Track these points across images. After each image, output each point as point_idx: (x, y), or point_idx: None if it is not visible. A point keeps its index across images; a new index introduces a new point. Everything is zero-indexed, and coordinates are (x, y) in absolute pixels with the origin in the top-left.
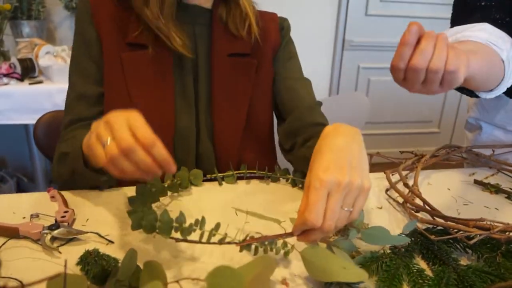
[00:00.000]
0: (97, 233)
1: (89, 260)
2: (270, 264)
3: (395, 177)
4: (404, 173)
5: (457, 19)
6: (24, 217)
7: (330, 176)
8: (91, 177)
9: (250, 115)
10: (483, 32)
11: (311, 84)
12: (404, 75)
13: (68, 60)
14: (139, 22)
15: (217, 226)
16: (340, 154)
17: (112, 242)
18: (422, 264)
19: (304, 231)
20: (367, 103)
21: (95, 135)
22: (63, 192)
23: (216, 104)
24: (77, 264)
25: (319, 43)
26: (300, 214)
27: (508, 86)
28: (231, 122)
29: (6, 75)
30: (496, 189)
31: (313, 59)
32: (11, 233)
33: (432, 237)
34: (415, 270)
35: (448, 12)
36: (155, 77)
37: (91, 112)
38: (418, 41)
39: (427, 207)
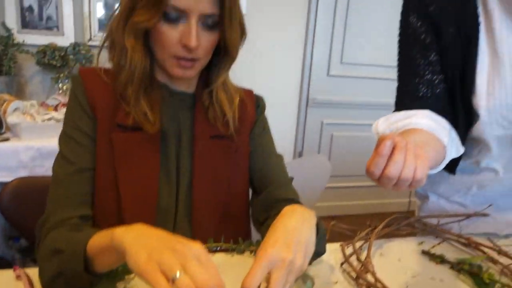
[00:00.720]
0: None
1: None
2: None
3: (350, 249)
4: (359, 243)
5: (401, 104)
6: None
7: (275, 251)
8: (85, 280)
9: (229, 195)
10: (427, 119)
11: (283, 159)
12: (378, 178)
13: (37, 117)
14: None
15: None
16: (290, 233)
17: None
18: None
19: None
20: (329, 166)
21: (156, 262)
22: (29, 270)
23: (196, 186)
24: None
25: (285, 101)
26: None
27: (447, 163)
28: (211, 203)
29: None
30: (440, 259)
31: (280, 115)
32: None
33: None
34: None
35: None
36: (142, 159)
37: (84, 189)
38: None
39: (378, 284)
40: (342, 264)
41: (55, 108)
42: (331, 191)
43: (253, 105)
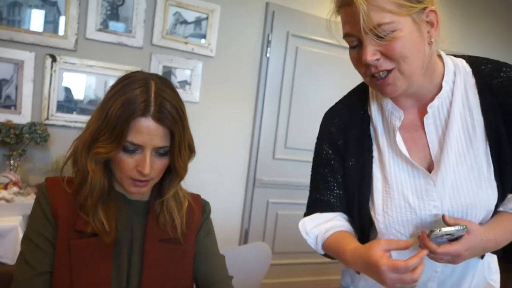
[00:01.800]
0: None
1: None
2: None
3: None
4: None
5: (315, 208)
6: None
7: None
8: None
9: None
10: (344, 221)
11: (225, 258)
12: None
13: None
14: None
15: None
16: None
17: None
18: None
19: None
20: (269, 252)
21: None
22: None
23: (145, 284)
24: None
25: (234, 181)
26: None
27: None
28: None
29: None
30: None
31: (228, 194)
32: None
33: None
34: None
35: None
36: (96, 262)
37: None
38: None
39: None
40: None
41: (5, 187)
42: (276, 268)
43: (200, 210)
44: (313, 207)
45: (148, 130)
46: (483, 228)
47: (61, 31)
